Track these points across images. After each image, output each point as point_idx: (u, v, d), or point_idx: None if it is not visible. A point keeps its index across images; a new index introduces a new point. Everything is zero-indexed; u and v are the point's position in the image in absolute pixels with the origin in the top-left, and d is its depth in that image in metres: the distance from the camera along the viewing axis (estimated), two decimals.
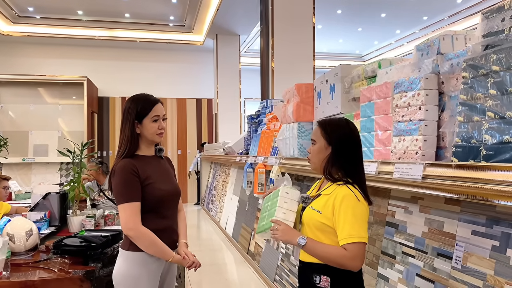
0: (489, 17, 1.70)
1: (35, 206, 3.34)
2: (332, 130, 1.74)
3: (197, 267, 2.03)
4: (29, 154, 9.34)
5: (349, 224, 1.59)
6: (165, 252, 1.95)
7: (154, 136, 2.02)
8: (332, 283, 1.65)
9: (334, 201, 1.65)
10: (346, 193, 1.64)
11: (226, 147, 7.09)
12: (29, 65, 10.16)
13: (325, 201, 1.69)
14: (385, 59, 2.60)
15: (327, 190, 1.73)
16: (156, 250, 1.93)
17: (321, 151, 1.75)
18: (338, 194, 1.65)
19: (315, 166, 1.79)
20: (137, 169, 1.95)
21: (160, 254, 1.95)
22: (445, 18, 9.93)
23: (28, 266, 2.34)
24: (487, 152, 1.55)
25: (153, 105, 2.01)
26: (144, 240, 1.91)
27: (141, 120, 1.99)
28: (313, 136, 1.79)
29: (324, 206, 1.68)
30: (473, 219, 1.73)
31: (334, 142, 1.72)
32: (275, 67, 6.20)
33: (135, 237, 1.91)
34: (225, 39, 10.28)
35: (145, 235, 1.90)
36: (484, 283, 1.62)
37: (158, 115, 2.01)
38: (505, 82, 1.50)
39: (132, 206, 1.89)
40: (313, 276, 1.69)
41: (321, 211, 1.68)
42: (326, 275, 1.66)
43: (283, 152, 3.75)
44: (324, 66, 11.95)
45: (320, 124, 1.80)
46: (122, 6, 8.88)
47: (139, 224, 1.90)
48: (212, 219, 8.06)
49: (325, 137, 1.74)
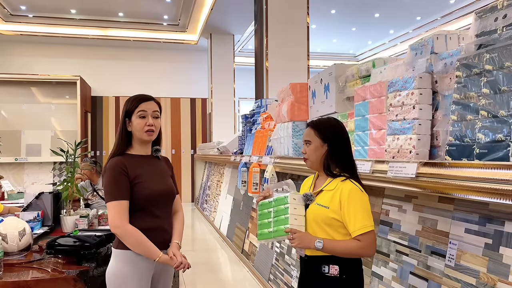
0: (482, 16, 1.71)
1: (28, 206, 3.31)
2: (325, 129, 1.86)
3: (186, 268, 1.98)
4: (22, 154, 9.26)
5: (360, 215, 1.72)
6: (151, 251, 1.93)
7: (142, 134, 2.00)
8: (340, 271, 1.77)
9: (340, 195, 1.76)
10: (351, 187, 1.76)
11: (221, 147, 7.08)
12: (21, 64, 10.07)
13: (331, 196, 1.79)
14: (379, 59, 2.61)
15: (329, 186, 1.83)
16: (142, 249, 1.92)
17: (318, 149, 1.85)
18: (343, 189, 1.76)
19: (313, 164, 1.89)
20: (127, 168, 1.95)
21: (147, 253, 1.93)
22: (438, 18, 9.99)
23: (21, 266, 2.32)
24: (480, 151, 1.56)
25: (141, 101, 2.01)
26: (130, 238, 1.90)
27: (130, 117, 2.01)
28: (307, 137, 1.89)
29: (331, 201, 1.78)
30: (466, 217, 1.75)
31: (329, 140, 1.84)
32: (269, 67, 6.21)
33: (121, 235, 1.91)
34: (219, 38, 10.26)
35: (131, 234, 1.90)
36: (477, 280, 1.63)
37: (145, 110, 1.99)
38: (498, 81, 1.52)
39: (119, 204, 1.90)
40: (322, 266, 1.79)
41: (328, 206, 1.78)
42: (334, 264, 1.77)
43: (278, 151, 3.75)
44: (319, 66, 11.98)
45: (312, 125, 1.90)
46: (116, 5, 8.83)
47: (126, 223, 1.91)
48: (206, 218, 8.05)
49: (319, 136, 1.85)
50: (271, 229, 1.87)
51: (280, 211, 1.85)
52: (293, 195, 1.84)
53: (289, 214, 1.80)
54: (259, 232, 1.96)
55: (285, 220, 1.81)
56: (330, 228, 1.78)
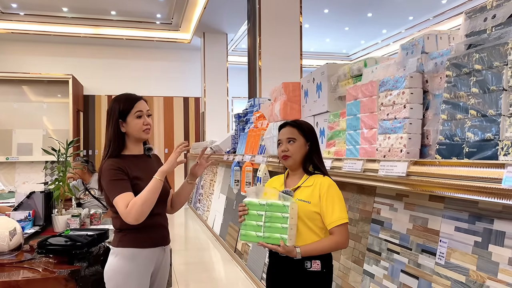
0: (472, 17, 1.73)
1: (19, 205, 3.29)
2: (307, 129, 1.99)
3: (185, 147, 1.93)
4: (13, 153, 9.18)
5: (338, 208, 1.85)
6: (152, 185, 1.89)
7: (140, 133, 2.02)
8: (322, 265, 1.87)
9: (320, 190, 1.88)
10: (330, 182, 1.91)
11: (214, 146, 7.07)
12: (12, 63, 9.98)
13: (311, 192, 1.89)
14: (371, 58, 2.62)
15: (307, 182, 1.94)
16: (152, 190, 1.88)
17: (302, 147, 1.96)
18: (322, 183, 1.89)
19: (295, 162, 1.97)
20: (124, 168, 1.95)
21: (155, 190, 1.89)
22: (431, 18, 10.06)
23: (12, 266, 2.30)
24: (470, 150, 1.58)
25: (136, 101, 2.02)
26: (143, 202, 1.85)
27: (125, 118, 2.00)
28: (291, 135, 1.96)
29: (311, 196, 1.88)
30: (456, 216, 1.76)
31: (311, 139, 1.97)
32: (262, 66, 6.21)
33: (138, 209, 1.84)
34: (212, 37, 10.25)
35: (136, 202, 1.85)
36: (467, 278, 1.65)
37: (141, 110, 2.01)
38: (487, 80, 1.53)
39: (126, 195, 1.87)
40: (305, 262, 1.86)
41: (309, 201, 1.87)
42: (316, 259, 1.86)
43: (270, 150, 3.76)
44: (312, 65, 12.01)
45: (294, 124, 1.99)
46: (108, 3, 8.79)
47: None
48: (199, 218, 8.03)
49: (303, 135, 1.96)
50: (261, 233, 1.83)
51: (276, 219, 1.81)
52: (293, 205, 1.82)
53: (288, 225, 1.78)
54: (242, 233, 1.91)
55: (282, 230, 1.78)
56: (311, 221, 1.87)
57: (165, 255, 2.12)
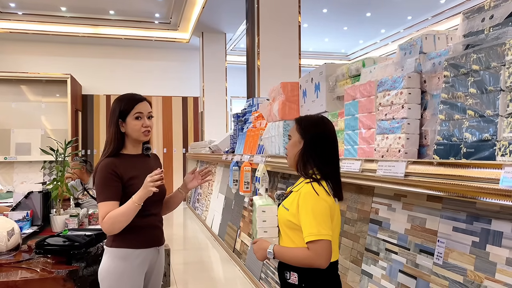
0: (470, 17, 1.73)
1: (17, 205, 3.28)
2: (306, 125, 1.76)
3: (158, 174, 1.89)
4: (11, 153, 9.16)
5: (308, 222, 1.60)
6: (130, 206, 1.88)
7: (139, 135, 2.02)
8: (299, 279, 1.68)
9: (298, 198, 1.67)
10: (306, 191, 1.65)
11: (212, 146, 7.07)
12: (11, 62, 9.96)
13: (293, 199, 1.71)
14: (369, 58, 2.62)
15: (297, 187, 1.75)
16: (126, 213, 1.87)
17: (295, 145, 1.76)
18: (301, 192, 1.67)
19: (290, 161, 1.81)
20: (119, 170, 1.95)
21: (131, 212, 1.88)
22: (429, 18, 10.07)
23: (10, 266, 2.30)
24: (467, 150, 1.58)
25: (136, 102, 2.01)
26: (114, 220, 1.86)
27: (125, 119, 2.00)
28: (290, 131, 1.83)
29: (291, 204, 1.70)
30: (454, 216, 1.76)
31: (305, 137, 1.73)
32: (261, 66, 6.21)
33: (110, 225, 1.87)
34: (211, 37, 10.23)
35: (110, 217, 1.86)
36: (465, 278, 1.65)
37: (141, 112, 2.01)
38: (484, 81, 1.53)
39: (108, 205, 1.90)
40: (285, 272, 1.74)
41: (288, 208, 1.71)
42: (294, 271, 1.70)
43: (269, 150, 3.76)
44: (310, 65, 12.01)
45: (297, 120, 1.82)
46: (107, 2, 8.77)
47: None
48: (198, 217, 8.03)
49: (299, 131, 1.76)
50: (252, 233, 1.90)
51: (254, 221, 1.85)
52: (262, 208, 1.80)
53: (258, 228, 1.80)
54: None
55: (255, 231, 1.84)
56: (290, 231, 1.70)
57: (159, 255, 2.12)
